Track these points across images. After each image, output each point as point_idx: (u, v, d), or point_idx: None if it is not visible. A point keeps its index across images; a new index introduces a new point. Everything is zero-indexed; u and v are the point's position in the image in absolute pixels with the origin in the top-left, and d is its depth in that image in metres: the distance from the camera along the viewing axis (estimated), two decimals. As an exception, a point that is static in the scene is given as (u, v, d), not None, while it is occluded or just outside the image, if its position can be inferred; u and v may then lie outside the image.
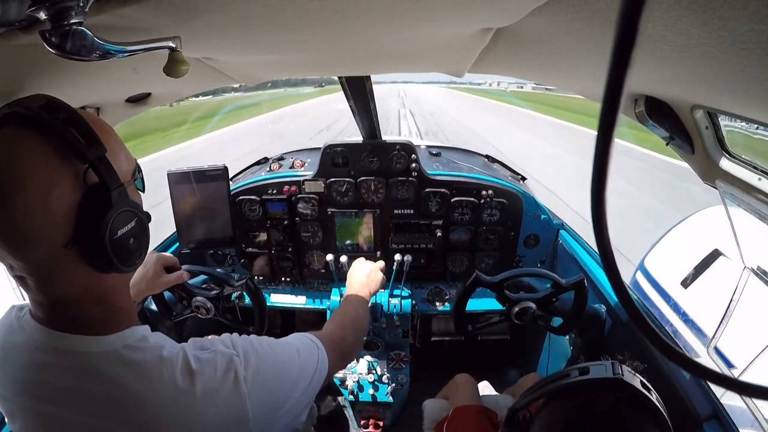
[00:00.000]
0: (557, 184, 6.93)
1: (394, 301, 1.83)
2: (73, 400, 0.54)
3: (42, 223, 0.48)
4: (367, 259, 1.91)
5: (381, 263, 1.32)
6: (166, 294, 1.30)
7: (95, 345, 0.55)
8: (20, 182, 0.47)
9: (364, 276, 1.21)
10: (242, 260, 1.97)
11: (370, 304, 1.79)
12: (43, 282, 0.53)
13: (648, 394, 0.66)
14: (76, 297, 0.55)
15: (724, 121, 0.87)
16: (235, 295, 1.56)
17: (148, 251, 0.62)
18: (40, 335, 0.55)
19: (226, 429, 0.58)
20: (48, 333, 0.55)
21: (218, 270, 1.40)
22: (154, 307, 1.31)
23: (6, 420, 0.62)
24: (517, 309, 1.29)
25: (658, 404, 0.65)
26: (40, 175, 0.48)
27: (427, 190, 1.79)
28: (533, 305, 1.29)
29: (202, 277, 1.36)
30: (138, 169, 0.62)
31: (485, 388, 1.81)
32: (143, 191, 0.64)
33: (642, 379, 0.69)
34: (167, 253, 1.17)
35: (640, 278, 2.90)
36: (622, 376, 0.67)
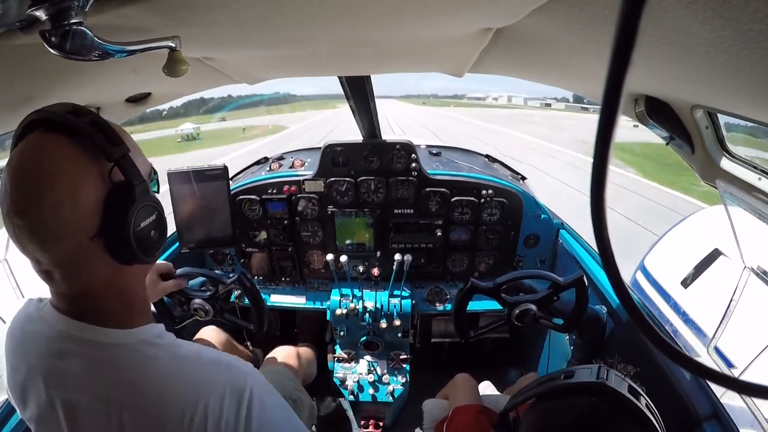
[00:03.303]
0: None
1: (394, 300, 1.83)
2: (90, 387, 0.57)
3: (71, 218, 0.51)
4: (366, 258, 1.94)
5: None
6: (165, 299, 1.31)
7: (116, 337, 0.58)
8: (51, 181, 0.50)
9: None
10: (242, 260, 1.97)
11: (372, 306, 1.81)
12: (70, 274, 0.55)
13: (634, 400, 0.64)
14: (100, 288, 0.58)
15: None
16: (234, 294, 1.56)
17: None
18: (63, 325, 0.58)
19: None
20: (71, 323, 0.58)
21: (211, 270, 1.40)
22: (153, 309, 1.31)
23: (17, 409, 0.64)
24: (517, 311, 1.28)
25: (645, 410, 0.64)
26: (70, 173, 0.51)
27: (427, 189, 1.79)
28: (533, 307, 1.28)
29: (198, 279, 1.36)
30: (153, 171, 0.66)
31: (486, 388, 1.81)
32: (158, 192, 0.66)
33: (631, 383, 0.68)
34: (161, 261, 1.18)
35: (640, 278, 2.90)
36: (605, 380, 0.67)
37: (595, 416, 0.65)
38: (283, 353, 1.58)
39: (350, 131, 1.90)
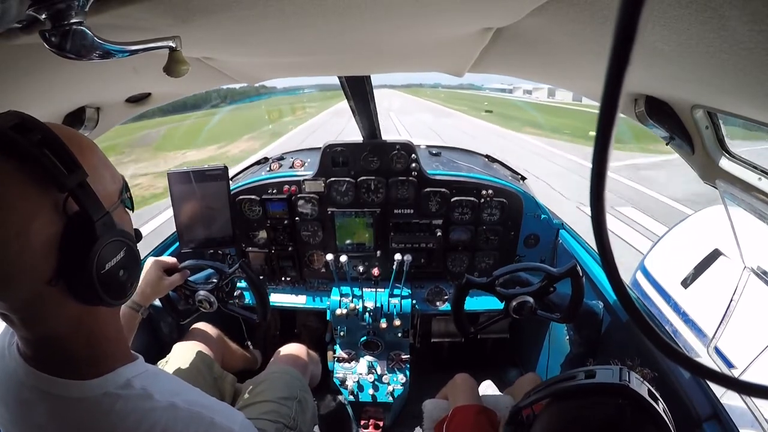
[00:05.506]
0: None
1: (394, 300, 1.83)
2: None
3: (21, 261, 0.44)
4: (366, 258, 1.94)
5: None
6: (171, 294, 1.31)
7: (76, 391, 0.52)
8: None
9: None
10: (242, 260, 1.97)
11: (372, 306, 1.82)
12: (29, 320, 0.49)
13: (655, 405, 0.64)
14: (66, 332, 0.52)
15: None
16: (238, 286, 1.57)
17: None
18: (24, 373, 0.53)
19: None
20: (31, 373, 0.53)
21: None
22: (158, 303, 1.32)
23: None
24: (514, 303, 1.30)
25: (664, 415, 0.64)
26: (16, 207, 0.43)
27: (427, 189, 1.79)
28: (530, 299, 1.29)
29: (202, 273, 1.38)
30: (125, 187, 0.58)
31: (487, 388, 1.82)
32: (132, 210, 0.60)
33: (650, 388, 0.68)
34: (164, 257, 1.18)
35: (640, 278, 2.90)
36: (628, 383, 0.66)
37: (621, 418, 0.64)
38: (294, 350, 1.57)
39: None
